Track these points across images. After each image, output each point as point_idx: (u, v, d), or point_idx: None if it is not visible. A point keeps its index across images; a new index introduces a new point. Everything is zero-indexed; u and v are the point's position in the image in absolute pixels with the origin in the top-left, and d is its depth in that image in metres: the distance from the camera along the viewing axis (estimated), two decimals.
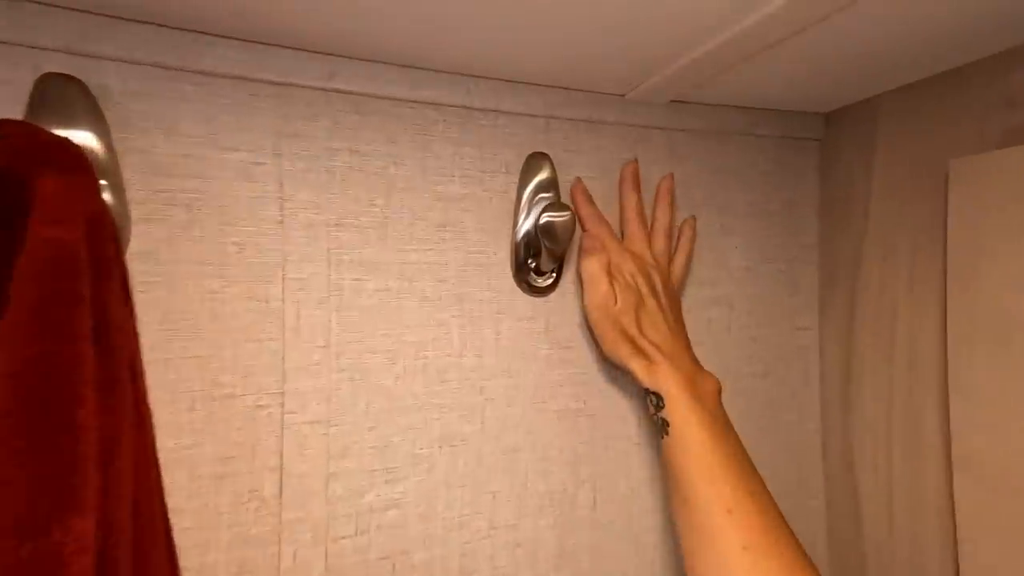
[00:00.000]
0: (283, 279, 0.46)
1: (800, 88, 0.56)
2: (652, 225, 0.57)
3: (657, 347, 0.50)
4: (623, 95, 0.57)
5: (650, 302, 0.52)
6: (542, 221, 0.49)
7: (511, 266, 0.55)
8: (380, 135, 0.50)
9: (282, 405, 0.46)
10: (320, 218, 0.48)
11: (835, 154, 0.64)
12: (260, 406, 0.45)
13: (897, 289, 0.56)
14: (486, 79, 0.52)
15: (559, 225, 0.49)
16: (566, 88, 0.55)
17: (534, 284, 0.56)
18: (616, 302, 0.51)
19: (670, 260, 0.57)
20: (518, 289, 0.55)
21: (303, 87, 0.47)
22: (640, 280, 0.52)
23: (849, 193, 0.62)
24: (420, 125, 0.51)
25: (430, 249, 0.52)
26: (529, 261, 0.55)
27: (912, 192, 0.55)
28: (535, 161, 0.55)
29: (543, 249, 0.51)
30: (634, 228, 0.56)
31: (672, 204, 0.58)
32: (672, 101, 0.59)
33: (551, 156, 0.55)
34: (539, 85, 0.54)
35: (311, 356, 0.47)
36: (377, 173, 0.50)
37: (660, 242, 0.56)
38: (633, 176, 0.57)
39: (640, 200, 0.57)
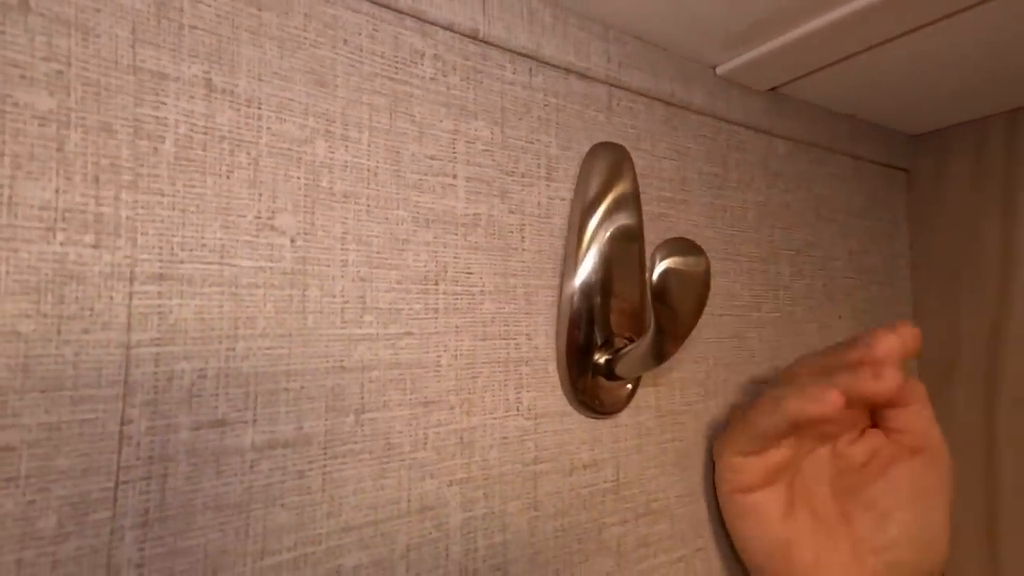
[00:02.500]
0: None
1: (907, 99, 0.39)
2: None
3: None
4: (715, 66, 0.34)
5: None
6: (660, 271, 0.23)
7: (560, 362, 0.27)
8: (292, 68, 0.21)
9: None
10: None
11: (939, 191, 0.47)
12: None
13: None
14: None
15: (690, 279, 0.23)
16: (639, 38, 0.31)
17: (602, 396, 0.28)
18: None
19: None
20: (570, 408, 0.27)
21: None
22: None
23: (970, 247, 0.45)
24: (387, 61, 0.23)
25: (408, 333, 0.23)
26: (592, 351, 0.27)
27: None
28: (604, 159, 0.29)
29: (656, 326, 0.24)
30: None
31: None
32: (771, 90, 0.37)
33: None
34: (600, 22, 0.29)
35: None
36: (285, 154, 0.20)
37: None
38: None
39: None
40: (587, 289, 0.27)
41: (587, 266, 0.27)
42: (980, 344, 0.43)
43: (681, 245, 0.23)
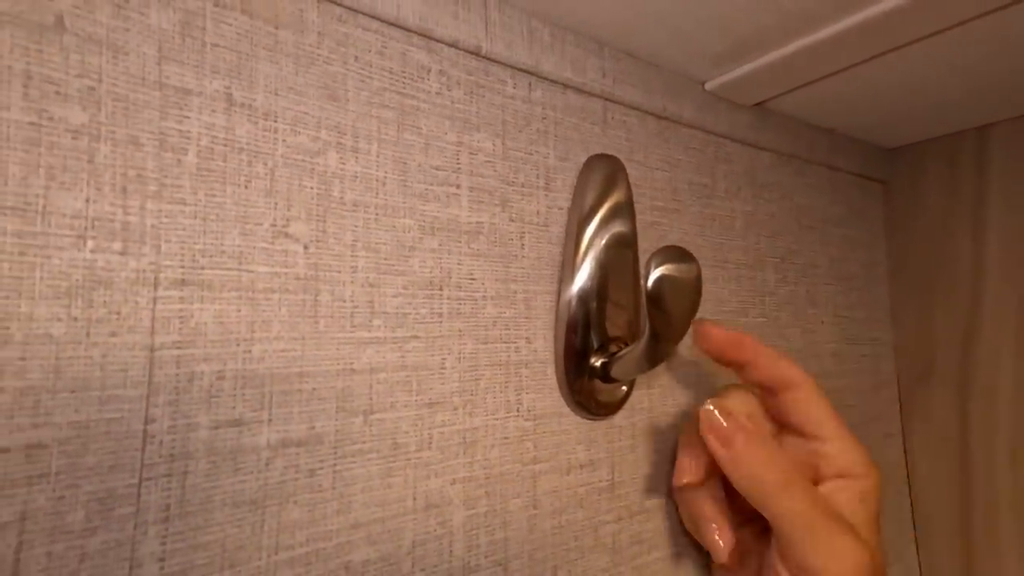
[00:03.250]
0: None
1: (884, 114, 0.41)
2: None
3: None
4: (703, 82, 0.36)
5: None
6: (655, 277, 0.24)
7: (559, 365, 0.28)
8: (306, 84, 0.22)
9: None
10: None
11: (914, 202, 0.49)
12: None
13: None
14: (514, 7, 0.27)
15: (683, 285, 0.24)
16: (632, 55, 0.32)
17: (598, 398, 0.29)
18: None
19: None
20: (568, 409, 0.29)
21: None
22: None
23: (943, 256, 0.47)
24: (395, 76, 0.24)
25: (414, 337, 0.24)
26: (588, 354, 0.28)
27: None
28: (600, 170, 0.30)
29: (651, 331, 0.25)
30: None
31: None
32: (755, 105, 0.39)
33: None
34: (595, 40, 0.31)
35: None
36: (299, 164, 0.21)
37: None
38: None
39: None
40: (584, 295, 0.28)
41: (584, 273, 0.28)
42: (954, 348, 0.45)
43: (674, 253, 0.24)
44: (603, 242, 0.29)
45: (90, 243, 0.17)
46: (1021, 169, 0.42)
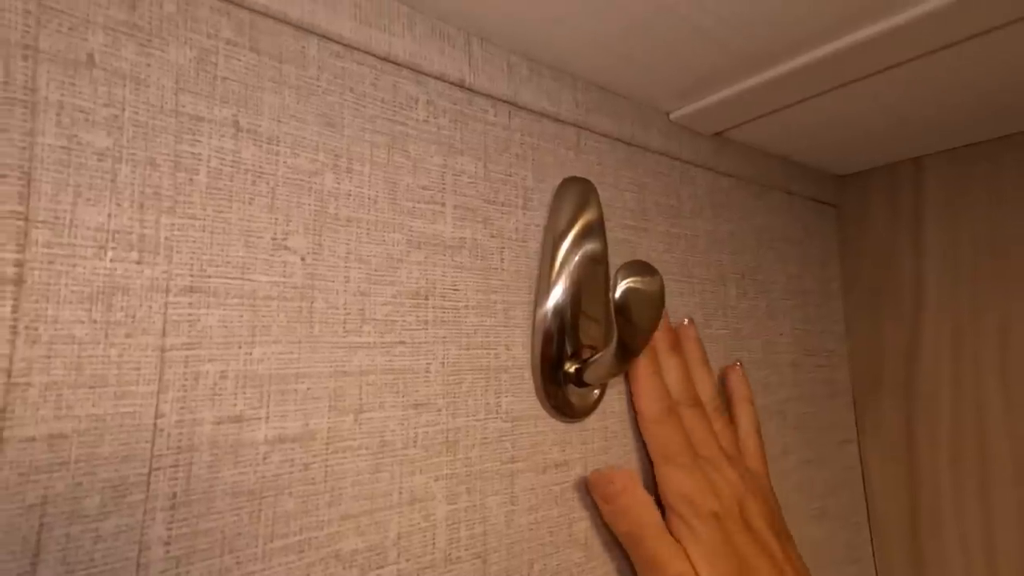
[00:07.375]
0: None
1: (831, 145, 0.45)
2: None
3: None
4: (668, 113, 0.39)
5: None
6: (621, 289, 0.26)
7: (535, 371, 0.30)
8: (306, 112, 0.24)
9: None
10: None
11: (862, 224, 0.54)
12: None
13: (988, 402, 0.44)
14: (495, 45, 0.30)
15: (647, 296, 0.27)
16: (603, 88, 0.35)
17: (572, 402, 0.31)
18: None
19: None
20: (544, 412, 0.31)
21: None
22: None
23: (888, 274, 0.51)
24: (386, 105, 0.27)
25: (401, 342, 0.26)
26: (563, 362, 0.31)
27: (1000, 274, 0.44)
28: (573, 191, 0.33)
29: (618, 338, 0.27)
30: None
31: None
32: (716, 134, 0.43)
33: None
34: (569, 74, 0.34)
35: None
36: (298, 184, 0.23)
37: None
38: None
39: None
40: (559, 310, 0.31)
41: (559, 289, 0.31)
42: (900, 359, 0.49)
43: (639, 267, 0.27)
44: (576, 258, 0.31)
45: (110, 253, 0.18)
46: (950, 195, 0.47)
